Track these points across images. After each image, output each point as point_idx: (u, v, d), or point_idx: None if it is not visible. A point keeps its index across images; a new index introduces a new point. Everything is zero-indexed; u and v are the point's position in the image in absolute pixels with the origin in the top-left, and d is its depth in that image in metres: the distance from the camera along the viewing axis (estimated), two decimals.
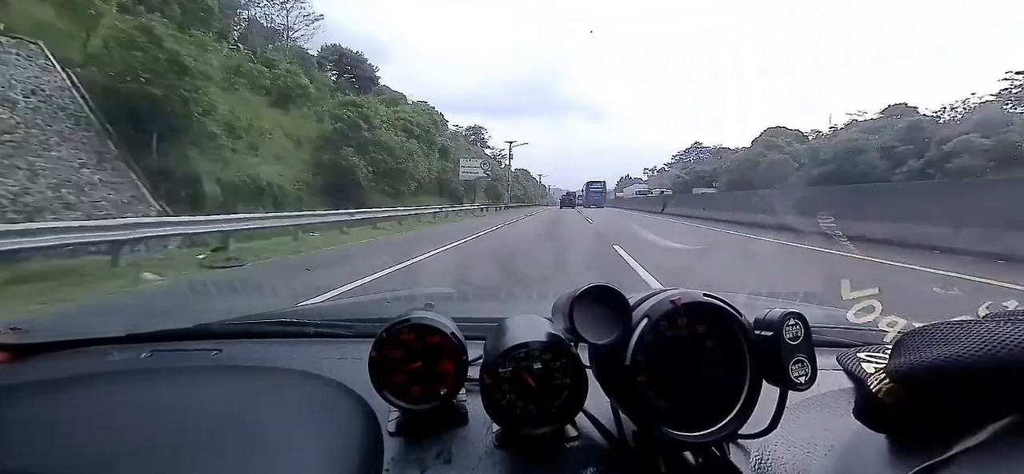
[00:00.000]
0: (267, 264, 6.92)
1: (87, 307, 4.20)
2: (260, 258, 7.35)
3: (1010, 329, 0.34)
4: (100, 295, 4.71)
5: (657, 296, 0.47)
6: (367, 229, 13.53)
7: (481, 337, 0.60)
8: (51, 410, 0.50)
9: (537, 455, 0.51)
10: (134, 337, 0.89)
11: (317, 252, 8.32)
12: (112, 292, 4.89)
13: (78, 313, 3.98)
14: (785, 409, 0.46)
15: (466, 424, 0.56)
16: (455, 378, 0.55)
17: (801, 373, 0.45)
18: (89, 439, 0.45)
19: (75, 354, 0.84)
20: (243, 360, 0.82)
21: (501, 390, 0.50)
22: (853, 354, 0.63)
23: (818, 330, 0.59)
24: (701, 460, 0.48)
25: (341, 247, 9.27)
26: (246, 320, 1.04)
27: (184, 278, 5.52)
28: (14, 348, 0.81)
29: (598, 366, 0.52)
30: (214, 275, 5.89)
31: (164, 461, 0.42)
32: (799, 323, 0.45)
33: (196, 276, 5.78)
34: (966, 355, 0.36)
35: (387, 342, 0.54)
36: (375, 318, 0.90)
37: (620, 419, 0.51)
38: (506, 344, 0.51)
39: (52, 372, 0.77)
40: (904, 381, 0.40)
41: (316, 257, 7.66)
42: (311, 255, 7.88)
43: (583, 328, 0.46)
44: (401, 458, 0.51)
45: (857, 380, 0.59)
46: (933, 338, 0.40)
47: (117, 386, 0.61)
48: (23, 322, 0.88)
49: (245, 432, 0.47)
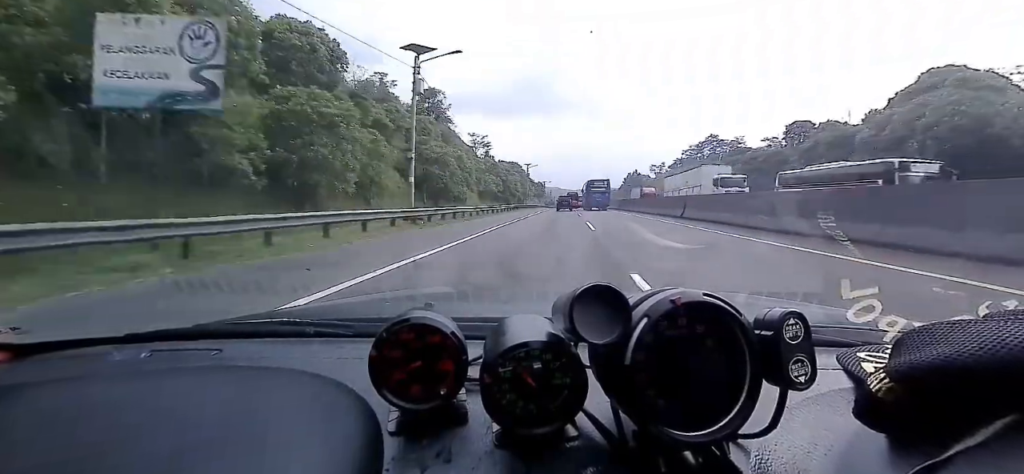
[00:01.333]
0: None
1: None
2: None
3: (1010, 329, 0.34)
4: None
5: (657, 296, 0.47)
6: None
7: (481, 337, 0.60)
8: (51, 410, 0.50)
9: (537, 455, 0.51)
10: (134, 337, 0.89)
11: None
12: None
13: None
14: (785, 409, 0.46)
15: (466, 424, 0.56)
16: (455, 378, 0.55)
17: (801, 373, 0.45)
18: (89, 439, 0.45)
19: (75, 354, 0.84)
20: (243, 360, 0.82)
21: (501, 390, 0.50)
22: (853, 354, 0.63)
23: (818, 330, 0.59)
24: (701, 460, 0.48)
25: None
26: (246, 320, 1.04)
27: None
28: (14, 348, 0.81)
29: (598, 366, 0.52)
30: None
31: (164, 461, 0.42)
32: (799, 323, 0.45)
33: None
34: (966, 355, 0.36)
35: (387, 342, 0.54)
36: (375, 318, 0.90)
37: (620, 419, 0.51)
38: (506, 344, 0.51)
39: (52, 372, 0.77)
40: (904, 381, 0.40)
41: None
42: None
43: (583, 328, 0.46)
44: (401, 458, 0.51)
45: (857, 380, 0.59)
46: (933, 338, 0.40)
47: (117, 386, 0.61)
48: (24, 321, 0.88)
49: (245, 432, 0.47)
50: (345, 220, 13.18)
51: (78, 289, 5.04)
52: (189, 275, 6.00)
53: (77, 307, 4.50)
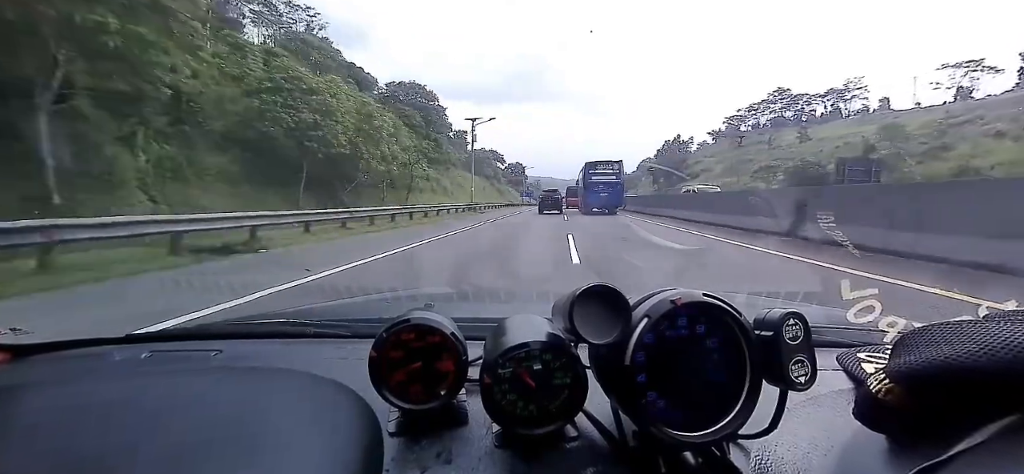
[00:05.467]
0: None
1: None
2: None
3: (1010, 329, 0.34)
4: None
5: (657, 296, 0.47)
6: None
7: (481, 337, 0.60)
8: (51, 410, 0.50)
9: (537, 455, 0.51)
10: (134, 337, 0.89)
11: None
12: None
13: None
14: (785, 409, 0.46)
15: (466, 424, 0.56)
16: (455, 378, 0.55)
17: (801, 373, 0.45)
18: (89, 439, 0.45)
19: (75, 354, 0.84)
20: (243, 360, 0.82)
21: (501, 390, 0.50)
22: (853, 354, 0.63)
23: (818, 330, 0.59)
24: (701, 460, 0.48)
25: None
26: (246, 320, 1.04)
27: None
28: (14, 348, 0.81)
29: (598, 366, 0.52)
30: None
31: (164, 462, 0.42)
32: (799, 323, 0.45)
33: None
34: (966, 355, 0.36)
35: (387, 342, 0.54)
36: (375, 318, 0.90)
37: (620, 419, 0.51)
38: (506, 344, 0.51)
39: (52, 372, 0.77)
40: (904, 381, 0.40)
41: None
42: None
43: (583, 328, 0.46)
44: (401, 458, 0.51)
45: (857, 380, 0.59)
46: (933, 338, 0.40)
47: (117, 386, 0.61)
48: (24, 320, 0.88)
49: (245, 432, 0.47)
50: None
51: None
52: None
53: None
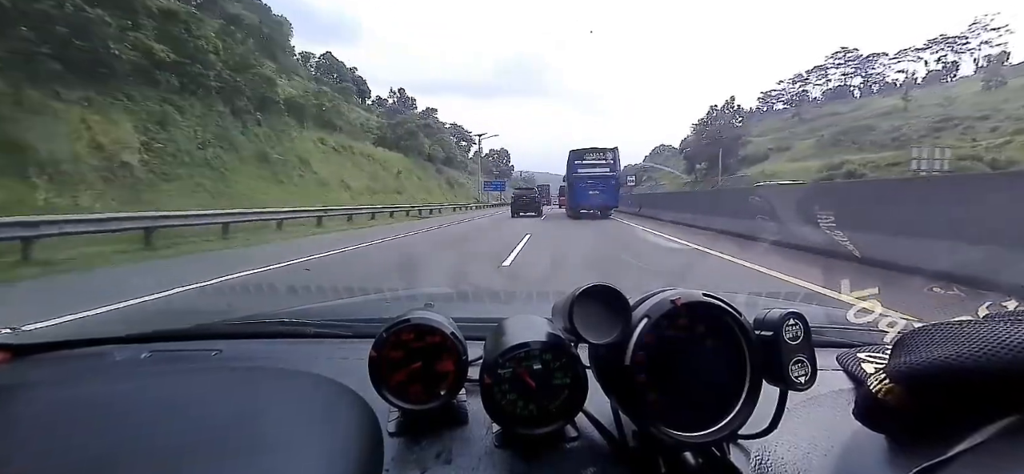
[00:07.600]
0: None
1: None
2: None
3: (1010, 329, 0.34)
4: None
5: (657, 296, 0.47)
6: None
7: (481, 337, 0.60)
8: (51, 410, 0.50)
9: (537, 455, 0.51)
10: (134, 337, 0.89)
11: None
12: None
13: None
14: (785, 409, 0.46)
15: (466, 424, 0.56)
16: (455, 378, 0.55)
17: (801, 373, 0.45)
18: (89, 439, 0.45)
19: (75, 354, 0.84)
20: (243, 360, 0.82)
21: (501, 390, 0.50)
22: (853, 354, 0.63)
23: (818, 330, 0.59)
24: (701, 460, 0.48)
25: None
26: (246, 320, 1.04)
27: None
28: (14, 348, 0.81)
29: (598, 366, 0.52)
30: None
31: (164, 461, 0.42)
32: (799, 323, 0.45)
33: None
34: (966, 355, 0.36)
35: (387, 342, 0.54)
36: (375, 318, 0.90)
37: (620, 419, 0.51)
38: (506, 344, 0.51)
39: (52, 372, 0.77)
40: (904, 381, 0.40)
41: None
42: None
43: (583, 328, 0.46)
44: (401, 458, 0.51)
45: (857, 380, 0.59)
46: (933, 338, 0.40)
47: (117, 386, 0.61)
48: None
49: (245, 432, 0.47)
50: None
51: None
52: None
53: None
